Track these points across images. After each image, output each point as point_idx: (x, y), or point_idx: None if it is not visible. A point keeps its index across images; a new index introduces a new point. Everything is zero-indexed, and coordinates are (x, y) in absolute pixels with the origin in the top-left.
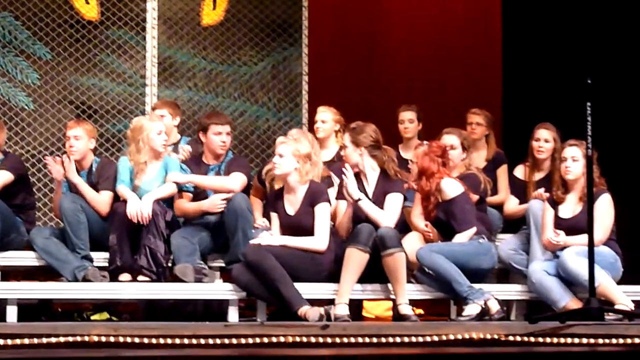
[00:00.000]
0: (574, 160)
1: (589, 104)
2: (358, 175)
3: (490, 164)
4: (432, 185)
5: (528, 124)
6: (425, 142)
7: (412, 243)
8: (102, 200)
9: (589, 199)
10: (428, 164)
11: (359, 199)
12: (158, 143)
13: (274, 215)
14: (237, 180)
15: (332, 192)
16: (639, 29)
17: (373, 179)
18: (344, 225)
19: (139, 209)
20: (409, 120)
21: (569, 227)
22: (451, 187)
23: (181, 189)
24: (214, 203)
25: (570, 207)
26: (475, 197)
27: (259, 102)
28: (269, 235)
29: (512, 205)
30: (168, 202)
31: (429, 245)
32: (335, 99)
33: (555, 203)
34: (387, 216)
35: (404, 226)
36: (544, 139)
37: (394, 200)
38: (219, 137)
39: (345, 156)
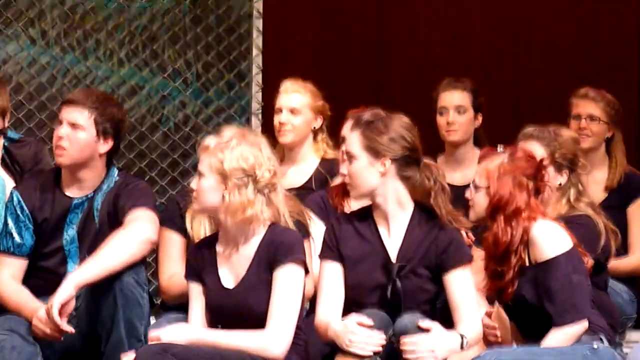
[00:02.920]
0: None
1: None
2: (366, 214)
3: (615, 195)
4: (517, 231)
5: None
6: (500, 146)
7: None
8: None
9: None
10: (511, 191)
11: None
12: None
13: (194, 288)
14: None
15: (313, 245)
16: None
17: (401, 221)
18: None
19: None
20: (455, 108)
21: None
22: (551, 238)
23: None
24: (41, 319)
25: None
26: (589, 262)
27: (168, 69)
28: (178, 326)
29: None
30: None
31: (495, 352)
32: (310, 73)
33: None
34: (469, 320)
35: (443, 315)
36: None
37: (465, 281)
38: (55, 138)
39: (352, 176)
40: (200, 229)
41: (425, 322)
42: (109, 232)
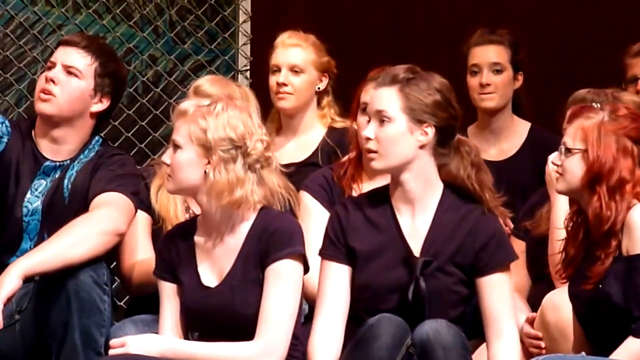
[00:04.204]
0: None
1: None
2: (381, 197)
3: None
4: (622, 206)
5: None
6: (595, 104)
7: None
8: None
9: None
10: (615, 155)
11: None
12: None
13: (166, 287)
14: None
15: (314, 235)
16: None
17: (428, 206)
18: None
19: None
20: (491, 67)
21: None
22: None
23: None
24: None
25: None
26: None
27: (134, 15)
28: (147, 336)
29: None
30: None
31: (556, 357)
32: (310, 21)
33: None
34: (507, 339)
35: (475, 322)
36: None
37: (504, 288)
38: (41, 81)
39: (383, 141)
40: (168, 202)
41: None
42: (79, 211)
